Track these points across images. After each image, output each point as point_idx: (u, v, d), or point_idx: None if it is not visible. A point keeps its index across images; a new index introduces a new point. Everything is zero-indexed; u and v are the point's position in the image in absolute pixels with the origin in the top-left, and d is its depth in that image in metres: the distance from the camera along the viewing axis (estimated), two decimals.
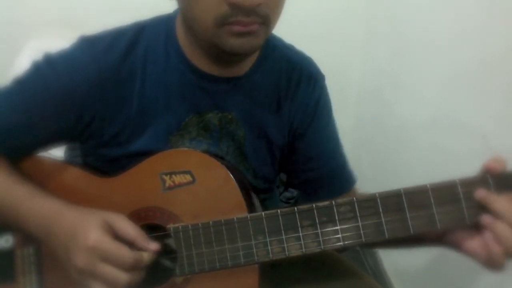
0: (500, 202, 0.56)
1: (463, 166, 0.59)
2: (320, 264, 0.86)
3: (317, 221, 0.60)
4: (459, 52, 1.11)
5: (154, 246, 0.61)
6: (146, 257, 0.61)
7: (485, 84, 1.02)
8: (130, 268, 0.58)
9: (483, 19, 1.01)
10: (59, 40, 0.70)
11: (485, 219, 0.57)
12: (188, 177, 0.67)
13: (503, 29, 0.95)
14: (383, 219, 0.59)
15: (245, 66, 0.75)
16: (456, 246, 0.62)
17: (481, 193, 0.57)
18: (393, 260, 1.50)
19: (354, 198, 0.59)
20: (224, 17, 0.60)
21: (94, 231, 0.59)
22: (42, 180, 0.72)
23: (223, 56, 0.68)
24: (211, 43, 0.64)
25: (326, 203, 0.60)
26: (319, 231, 0.60)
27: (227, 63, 0.72)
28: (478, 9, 1.02)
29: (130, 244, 0.60)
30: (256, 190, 0.83)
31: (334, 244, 0.60)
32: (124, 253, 0.58)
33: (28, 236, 0.71)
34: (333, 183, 0.84)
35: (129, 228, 0.61)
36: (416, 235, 0.60)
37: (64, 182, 0.73)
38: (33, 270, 0.71)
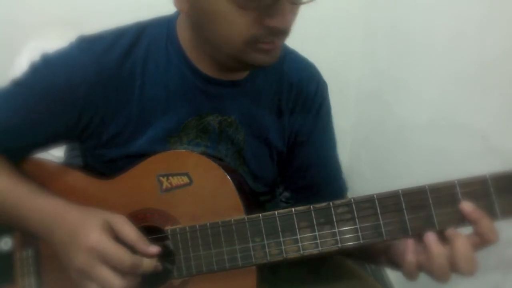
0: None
1: (462, 166, 0.59)
2: (320, 264, 0.86)
3: (314, 223, 0.60)
4: (459, 52, 1.10)
5: (154, 249, 0.61)
6: (146, 263, 0.60)
7: (484, 85, 1.02)
8: (127, 271, 0.58)
9: (482, 19, 1.01)
10: (59, 40, 0.70)
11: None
12: (185, 179, 0.67)
13: (503, 30, 0.95)
14: (381, 221, 0.59)
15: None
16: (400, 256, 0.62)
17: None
18: None
19: (352, 199, 0.59)
20: (256, 38, 0.60)
21: (95, 231, 0.59)
22: (41, 182, 0.72)
23: (239, 66, 0.68)
24: (233, 57, 0.64)
25: (323, 204, 0.60)
26: (316, 233, 0.60)
27: (233, 69, 0.71)
28: (477, 10, 1.02)
29: (130, 247, 0.60)
30: (256, 193, 0.82)
31: (332, 246, 0.60)
32: (123, 256, 0.58)
33: (27, 238, 0.71)
34: (327, 190, 0.84)
35: (130, 231, 0.61)
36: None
37: (63, 184, 0.73)
38: (32, 272, 0.71)
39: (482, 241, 0.56)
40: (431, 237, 0.57)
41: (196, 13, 0.63)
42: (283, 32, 0.62)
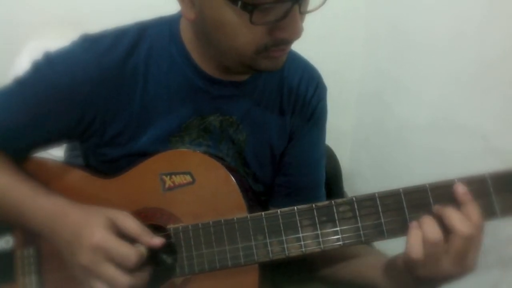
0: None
1: (463, 167, 0.59)
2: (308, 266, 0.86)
3: (316, 221, 0.60)
4: (459, 53, 1.11)
5: (157, 241, 0.61)
6: (143, 249, 0.60)
7: (484, 85, 1.02)
8: (133, 267, 0.58)
9: (483, 20, 1.01)
10: (59, 40, 0.70)
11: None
12: (188, 178, 0.67)
13: (503, 30, 0.95)
14: (382, 219, 0.59)
15: None
16: None
17: (436, 208, 0.58)
18: None
19: (354, 197, 0.60)
20: (266, 47, 0.61)
21: (99, 229, 0.59)
22: (43, 181, 0.72)
23: (244, 71, 0.68)
24: (241, 63, 0.64)
25: (325, 203, 0.60)
26: (319, 231, 0.60)
27: (237, 72, 0.71)
28: (478, 10, 1.02)
29: (134, 240, 0.60)
30: (256, 193, 0.83)
31: (334, 244, 0.60)
32: (128, 252, 0.58)
33: (28, 237, 0.71)
34: (306, 195, 0.83)
35: (132, 225, 0.61)
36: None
37: (65, 183, 0.73)
38: (33, 271, 0.71)
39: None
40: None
41: (204, 22, 0.63)
42: (294, 40, 0.62)
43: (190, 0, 0.62)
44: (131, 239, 0.60)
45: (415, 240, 0.57)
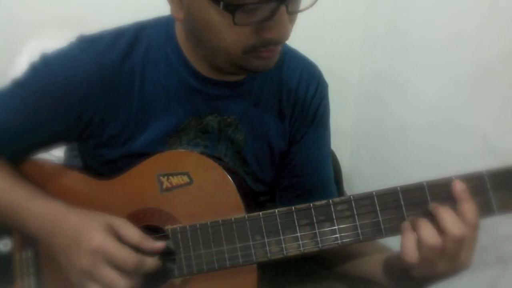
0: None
1: (462, 166, 0.59)
2: (320, 262, 0.86)
3: (314, 220, 0.60)
4: (458, 53, 1.11)
5: (159, 245, 0.61)
6: (150, 262, 0.61)
7: (484, 85, 1.02)
8: (132, 271, 0.58)
9: (482, 20, 1.01)
10: (59, 40, 0.70)
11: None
12: (185, 179, 0.67)
13: (502, 30, 0.95)
14: (380, 218, 0.59)
15: None
16: None
17: (431, 206, 0.58)
18: None
19: (351, 196, 0.60)
20: (254, 47, 0.61)
21: (99, 233, 0.59)
22: (41, 182, 0.72)
23: (236, 71, 0.68)
24: (231, 63, 0.64)
25: (323, 202, 0.60)
26: (316, 230, 0.60)
27: (230, 73, 0.71)
28: (477, 11, 1.03)
29: (134, 248, 0.60)
30: (256, 193, 0.82)
31: (332, 243, 0.60)
32: (128, 255, 0.58)
33: (26, 239, 0.71)
34: (314, 195, 0.83)
35: (132, 232, 0.61)
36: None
37: (62, 184, 0.73)
38: (32, 273, 0.71)
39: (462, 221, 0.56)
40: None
41: (192, 22, 0.63)
42: (283, 41, 0.62)
43: (179, 0, 0.62)
44: (131, 246, 0.60)
45: (409, 244, 0.57)
